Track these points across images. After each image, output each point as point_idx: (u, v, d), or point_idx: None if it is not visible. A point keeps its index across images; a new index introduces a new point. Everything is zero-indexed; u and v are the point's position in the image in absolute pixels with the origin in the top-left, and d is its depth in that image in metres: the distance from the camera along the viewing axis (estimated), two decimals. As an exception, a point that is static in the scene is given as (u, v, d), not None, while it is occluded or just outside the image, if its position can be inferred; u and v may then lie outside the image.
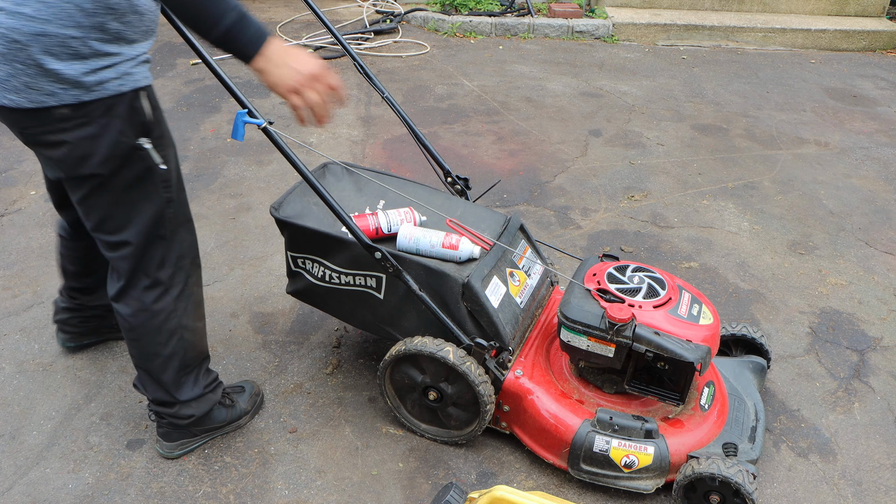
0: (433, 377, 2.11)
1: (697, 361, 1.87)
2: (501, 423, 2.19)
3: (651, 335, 1.90)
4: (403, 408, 2.26)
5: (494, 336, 2.05)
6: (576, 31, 6.18)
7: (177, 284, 1.89)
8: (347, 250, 2.10)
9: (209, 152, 3.96)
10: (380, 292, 2.14)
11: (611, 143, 4.30)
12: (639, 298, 2.00)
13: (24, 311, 2.71)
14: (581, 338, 1.97)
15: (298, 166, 1.95)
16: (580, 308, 1.98)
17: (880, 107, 5.11)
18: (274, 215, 2.18)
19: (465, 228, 2.18)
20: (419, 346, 2.04)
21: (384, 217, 2.12)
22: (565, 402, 2.08)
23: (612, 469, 2.00)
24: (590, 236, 3.36)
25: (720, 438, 2.05)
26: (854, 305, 2.97)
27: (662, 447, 1.98)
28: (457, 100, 4.82)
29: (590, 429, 2.00)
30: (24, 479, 2.08)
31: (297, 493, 2.08)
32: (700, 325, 1.97)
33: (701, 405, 2.10)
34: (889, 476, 2.21)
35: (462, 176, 2.53)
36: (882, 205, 3.77)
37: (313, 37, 5.74)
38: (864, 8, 6.63)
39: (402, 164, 3.94)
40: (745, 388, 2.26)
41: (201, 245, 3.14)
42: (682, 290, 2.07)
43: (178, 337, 1.93)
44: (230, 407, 2.20)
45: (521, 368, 2.11)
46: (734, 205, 3.69)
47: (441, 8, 6.36)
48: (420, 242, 2.07)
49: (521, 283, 2.21)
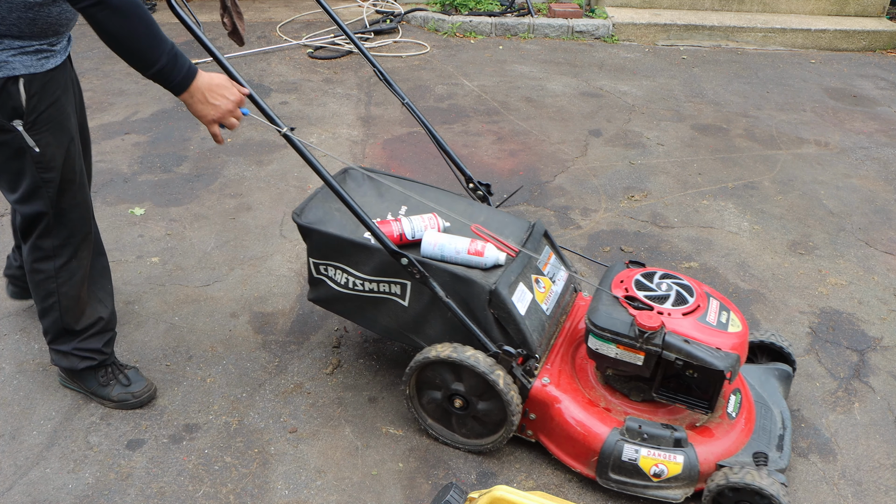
0: (456, 385, 2.09)
1: (727, 370, 1.85)
2: (527, 432, 2.16)
3: (681, 343, 1.88)
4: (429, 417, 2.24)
5: (521, 343, 2.03)
6: (576, 31, 6.18)
7: (61, 256, 2.10)
8: (372, 257, 2.08)
9: (209, 152, 3.96)
10: (404, 299, 2.12)
11: (611, 143, 4.30)
12: (667, 306, 1.98)
13: (24, 311, 2.71)
14: (610, 346, 1.95)
15: (321, 172, 1.93)
16: (609, 315, 1.96)
17: (880, 107, 5.11)
18: (297, 221, 2.16)
19: (491, 234, 2.16)
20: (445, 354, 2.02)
21: (408, 223, 2.10)
22: (593, 410, 2.05)
23: (640, 478, 1.98)
24: (590, 236, 3.36)
25: (748, 447, 2.02)
26: (854, 305, 2.97)
27: (692, 456, 1.95)
28: (457, 100, 4.82)
29: (619, 437, 1.98)
30: (24, 479, 2.08)
31: (297, 493, 2.08)
32: (729, 333, 1.95)
33: (728, 413, 2.08)
34: (889, 476, 2.21)
35: (484, 182, 2.51)
36: (882, 205, 3.77)
37: (313, 37, 5.74)
38: (864, 8, 6.63)
39: (403, 164, 3.94)
40: (771, 396, 2.23)
41: (202, 245, 3.16)
42: (710, 298, 2.05)
43: (55, 299, 2.15)
44: (104, 385, 2.32)
45: (548, 376, 2.08)
46: (734, 205, 3.69)
47: (441, 8, 6.36)
48: (445, 249, 2.05)
49: (546, 290, 2.19)
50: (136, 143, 4.01)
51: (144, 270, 2.99)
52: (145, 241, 3.18)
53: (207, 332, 2.67)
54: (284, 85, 4.91)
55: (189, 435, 2.25)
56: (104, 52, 5.32)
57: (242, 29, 2.24)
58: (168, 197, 3.53)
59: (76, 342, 2.25)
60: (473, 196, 2.53)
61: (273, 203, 3.51)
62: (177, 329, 2.68)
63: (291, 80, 5.00)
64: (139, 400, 2.32)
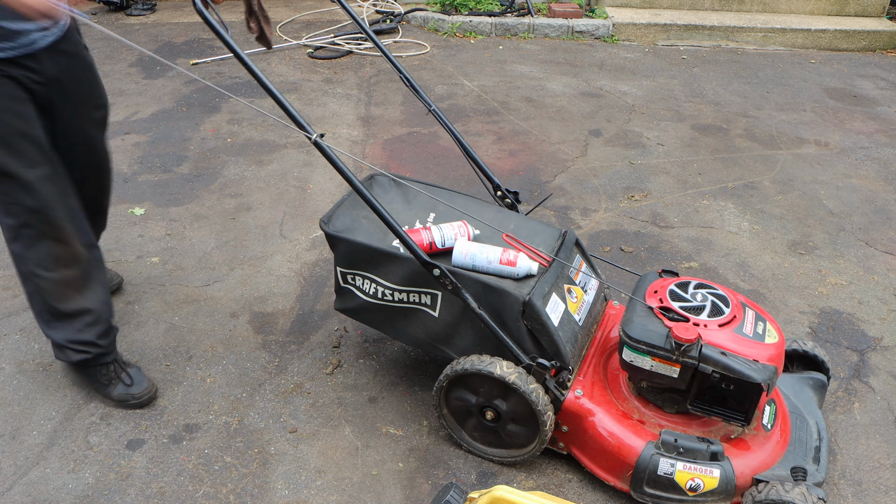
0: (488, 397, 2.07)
1: (765, 382, 1.81)
2: (559, 444, 2.13)
3: (718, 356, 1.84)
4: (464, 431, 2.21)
5: (555, 355, 1.99)
6: (576, 31, 6.18)
7: (23, 238, 2.11)
8: (401, 267, 2.05)
9: (209, 152, 3.96)
10: (434, 310, 2.08)
11: (611, 143, 4.30)
12: (703, 317, 1.93)
13: (24, 311, 2.71)
14: (645, 358, 1.91)
15: (351, 179, 1.89)
16: (644, 327, 1.91)
17: (880, 107, 5.11)
18: (324, 230, 2.13)
19: (522, 243, 2.12)
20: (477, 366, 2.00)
21: (438, 231, 2.06)
22: (627, 423, 2.01)
23: (676, 492, 1.94)
24: (590, 236, 3.36)
25: (785, 460, 1.98)
26: (854, 305, 2.97)
27: (728, 470, 1.91)
28: (457, 100, 4.82)
29: (654, 451, 1.94)
30: (24, 479, 2.08)
31: (297, 493, 2.08)
32: (766, 344, 1.91)
33: (763, 425, 2.03)
34: (889, 476, 2.21)
35: (512, 189, 2.46)
36: (882, 205, 3.77)
37: (313, 37, 5.74)
38: (864, 8, 6.63)
39: (403, 164, 3.94)
40: (805, 406, 2.18)
41: (202, 245, 3.16)
42: (745, 308, 2.00)
43: (34, 283, 2.18)
44: (105, 384, 2.33)
45: (581, 388, 2.05)
46: (734, 205, 3.69)
47: (441, 8, 6.37)
48: (476, 259, 2.01)
49: (578, 300, 2.15)
50: (136, 143, 4.02)
51: (144, 270, 2.99)
52: (145, 241, 3.18)
53: (207, 332, 2.67)
54: (284, 85, 4.91)
55: (189, 435, 2.25)
56: (104, 52, 5.32)
57: (270, 33, 2.20)
58: (168, 197, 3.53)
59: (69, 333, 2.24)
60: (501, 203, 2.47)
61: (273, 203, 3.51)
62: (177, 329, 2.68)
63: (291, 80, 5.00)
64: (139, 401, 2.32)
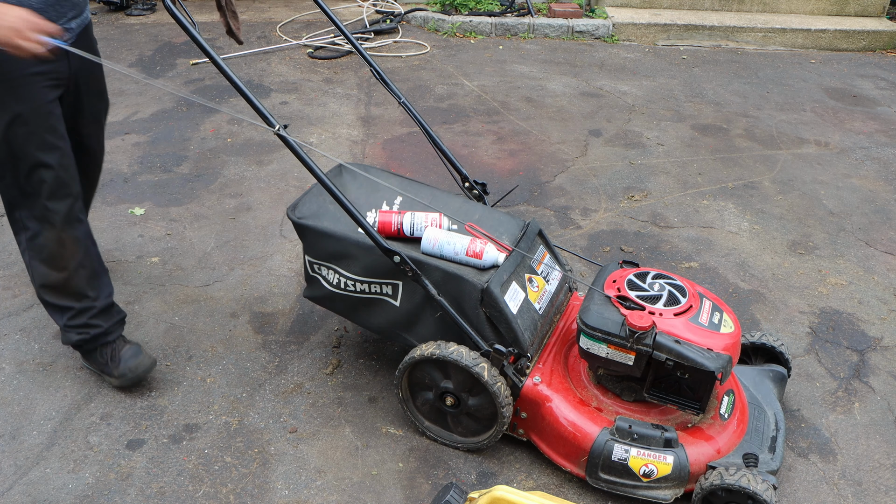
0: (454, 384, 2.09)
1: (718, 371, 1.84)
2: (518, 430, 2.16)
3: (671, 343, 1.88)
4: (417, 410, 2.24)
5: (513, 342, 2.03)
6: (576, 31, 6.18)
7: (26, 229, 2.17)
8: (363, 258, 2.09)
9: (209, 152, 3.96)
10: (395, 300, 2.12)
11: (611, 143, 4.30)
12: (659, 306, 1.97)
13: (24, 311, 2.71)
14: (600, 345, 1.95)
15: (313, 169, 1.94)
16: (600, 315, 1.96)
17: (880, 107, 5.10)
18: (290, 217, 2.17)
19: (484, 233, 2.16)
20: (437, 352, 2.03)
21: (409, 217, 2.09)
22: (584, 409, 2.05)
23: (630, 478, 1.98)
24: (590, 236, 3.36)
25: (740, 448, 2.02)
26: (854, 305, 2.97)
27: (682, 456, 1.95)
28: (457, 100, 4.82)
29: (608, 437, 1.98)
30: (24, 479, 2.08)
31: (297, 493, 2.08)
32: (721, 334, 1.95)
33: (721, 414, 2.07)
34: (889, 476, 2.21)
35: (480, 181, 2.51)
36: (882, 205, 3.77)
37: (313, 37, 5.74)
38: (864, 8, 6.63)
39: (402, 164, 3.94)
40: (765, 398, 2.22)
41: (202, 245, 3.16)
42: (702, 298, 2.04)
43: (36, 271, 2.24)
44: (104, 364, 2.35)
45: (540, 375, 2.09)
46: (734, 205, 3.69)
47: (441, 8, 6.36)
48: (444, 248, 2.04)
49: (539, 289, 2.18)
50: (136, 143, 4.01)
51: (144, 270, 2.99)
52: (145, 241, 3.18)
53: (207, 332, 2.67)
54: (284, 85, 4.91)
55: (189, 435, 2.25)
56: (103, 52, 5.31)
57: (237, 28, 2.25)
58: (168, 197, 3.53)
59: (67, 318, 2.28)
60: (469, 195, 2.52)
61: (273, 203, 3.51)
62: (177, 329, 2.68)
63: (291, 80, 5.00)
64: (136, 374, 2.33)
